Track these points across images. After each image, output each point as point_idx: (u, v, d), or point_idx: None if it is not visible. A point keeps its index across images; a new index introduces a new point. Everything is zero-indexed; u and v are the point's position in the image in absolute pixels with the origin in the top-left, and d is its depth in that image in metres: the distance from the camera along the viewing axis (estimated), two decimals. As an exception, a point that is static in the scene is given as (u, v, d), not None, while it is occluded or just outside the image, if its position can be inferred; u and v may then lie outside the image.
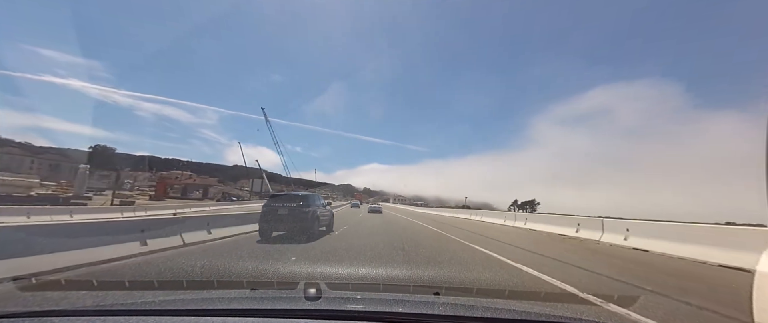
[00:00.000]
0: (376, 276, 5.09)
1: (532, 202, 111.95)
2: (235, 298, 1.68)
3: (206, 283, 4.62)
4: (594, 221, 11.72)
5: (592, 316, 3.26)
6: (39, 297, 3.74)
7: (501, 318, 1.41)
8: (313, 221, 10.47)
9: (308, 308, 1.40)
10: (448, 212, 37.10)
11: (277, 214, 10.30)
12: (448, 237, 11.52)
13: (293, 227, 10.21)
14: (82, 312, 1.38)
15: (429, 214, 36.32)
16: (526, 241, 10.78)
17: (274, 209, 10.38)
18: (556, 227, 13.75)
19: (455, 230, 14.77)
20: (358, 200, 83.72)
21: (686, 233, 8.01)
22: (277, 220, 10.26)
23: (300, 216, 10.22)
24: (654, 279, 5.39)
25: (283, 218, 10.23)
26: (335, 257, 6.81)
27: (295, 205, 10.44)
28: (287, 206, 10.44)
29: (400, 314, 1.38)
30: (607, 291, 4.54)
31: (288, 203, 10.57)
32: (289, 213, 10.24)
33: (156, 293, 3.98)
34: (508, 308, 1.56)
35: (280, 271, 5.34)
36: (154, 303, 1.59)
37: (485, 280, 4.95)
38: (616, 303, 3.95)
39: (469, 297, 3.06)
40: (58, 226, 6.68)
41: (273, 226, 10.24)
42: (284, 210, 10.33)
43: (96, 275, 4.95)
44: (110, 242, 6.21)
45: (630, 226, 9.81)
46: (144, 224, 7.28)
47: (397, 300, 1.64)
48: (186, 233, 8.33)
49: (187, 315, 1.34)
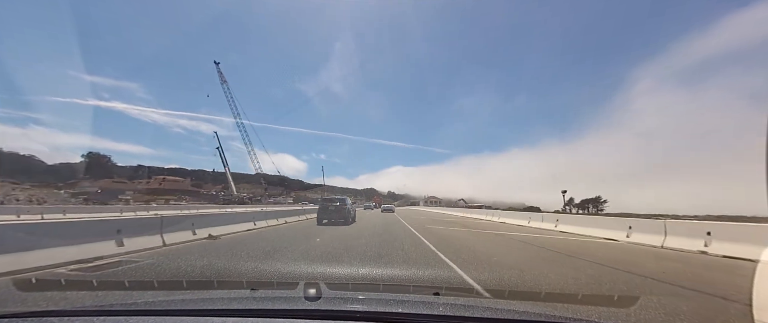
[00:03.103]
0: (376, 276, 5.09)
1: (597, 200, 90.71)
2: (235, 298, 1.68)
3: (206, 283, 4.62)
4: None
5: (593, 316, 3.26)
6: (39, 297, 3.74)
7: (501, 319, 1.40)
8: (347, 213, 17.50)
9: (308, 308, 1.40)
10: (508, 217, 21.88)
11: (328, 209, 17.18)
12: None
13: (336, 217, 17.00)
14: (82, 312, 1.38)
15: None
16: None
17: (326, 207, 17.38)
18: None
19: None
20: (376, 202, 74.29)
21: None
22: (328, 213, 17.08)
23: (340, 211, 17.14)
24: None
25: (330, 212, 17.08)
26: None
27: (337, 204, 17.42)
28: (333, 205, 17.42)
29: (400, 314, 1.37)
30: (609, 291, 4.54)
31: (333, 203, 17.53)
32: (334, 209, 17.17)
33: (156, 293, 3.98)
34: (508, 308, 1.55)
35: (280, 271, 5.34)
36: (154, 303, 1.59)
37: (485, 280, 4.95)
38: (616, 303, 3.95)
39: (469, 298, 3.06)
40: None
41: (324, 216, 17.01)
42: (332, 207, 17.26)
43: (95, 275, 4.95)
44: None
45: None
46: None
47: (397, 301, 1.64)
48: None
49: (187, 315, 1.34)
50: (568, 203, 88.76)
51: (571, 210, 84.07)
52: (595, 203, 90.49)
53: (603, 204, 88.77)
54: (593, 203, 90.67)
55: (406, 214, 34.71)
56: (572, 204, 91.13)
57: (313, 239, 9.75)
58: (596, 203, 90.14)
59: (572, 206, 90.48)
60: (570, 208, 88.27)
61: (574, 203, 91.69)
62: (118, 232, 6.98)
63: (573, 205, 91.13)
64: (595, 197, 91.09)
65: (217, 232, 10.36)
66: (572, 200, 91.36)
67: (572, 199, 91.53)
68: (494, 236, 12.28)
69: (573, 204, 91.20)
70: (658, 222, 10.18)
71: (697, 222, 9.82)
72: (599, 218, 13.14)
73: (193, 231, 9.47)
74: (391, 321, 1.33)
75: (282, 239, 9.75)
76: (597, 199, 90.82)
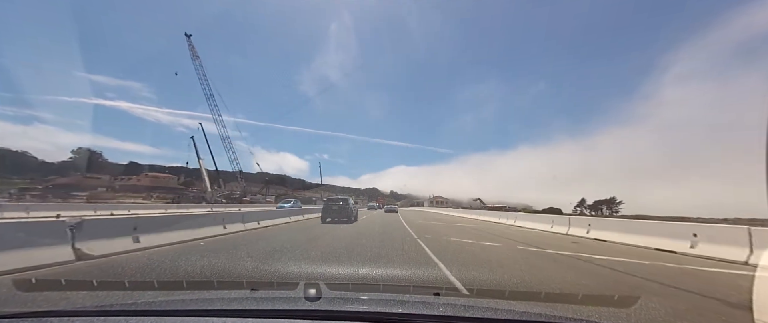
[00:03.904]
0: (376, 276, 5.09)
1: (612, 201, 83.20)
2: (235, 298, 1.68)
3: (206, 283, 4.61)
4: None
5: (593, 316, 3.26)
6: (39, 297, 3.74)
7: (501, 319, 1.40)
8: (349, 213, 18.66)
9: (308, 308, 1.40)
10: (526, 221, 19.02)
11: (332, 208, 18.14)
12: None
13: (339, 216, 17.93)
14: (82, 312, 1.38)
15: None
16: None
17: (330, 206, 18.29)
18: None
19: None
20: (379, 203, 73.43)
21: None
22: (331, 212, 18.03)
23: (343, 210, 18.14)
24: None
25: (334, 211, 18.05)
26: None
27: (341, 204, 18.45)
28: (336, 204, 18.40)
29: (400, 314, 1.37)
30: (608, 291, 4.54)
31: (336, 203, 18.55)
32: (337, 208, 18.18)
33: (156, 293, 3.97)
34: (508, 308, 1.55)
35: (280, 271, 5.34)
36: (154, 303, 1.59)
37: (485, 280, 4.95)
38: (616, 303, 3.95)
39: (469, 298, 3.05)
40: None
41: (329, 215, 17.97)
42: (335, 206, 18.24)
43: (96, 274, 4.95)
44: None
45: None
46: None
47: (397, 301, 1.64)
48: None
49: (187, 316, 1.34)
50: (579, 204, 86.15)
51: (583, 212, 79.15)
52: (609, 204, 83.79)
53: (618, 205, 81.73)
54: (607, 204, 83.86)
55: (410, 218, 25.84)
56: (584, 205, 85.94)
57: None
58: (610, 205, 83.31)
59: (584, 208, 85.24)
60: (582, 209, 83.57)
61: (586, 204, 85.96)
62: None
63: (585, 206, 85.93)
64: (610, 198, 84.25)
65: (108, 248, 6.55)
66: (584, 201, 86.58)
67: (584, 200, 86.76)
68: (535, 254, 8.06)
69: (585, 205, 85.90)
70: (736, 229, 7.99)
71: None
72: (644, 223, 10.64)
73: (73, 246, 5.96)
74: (392, 321, 1.33)
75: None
76: (611, 200, 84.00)
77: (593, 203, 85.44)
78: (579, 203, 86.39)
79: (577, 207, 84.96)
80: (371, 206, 61.90)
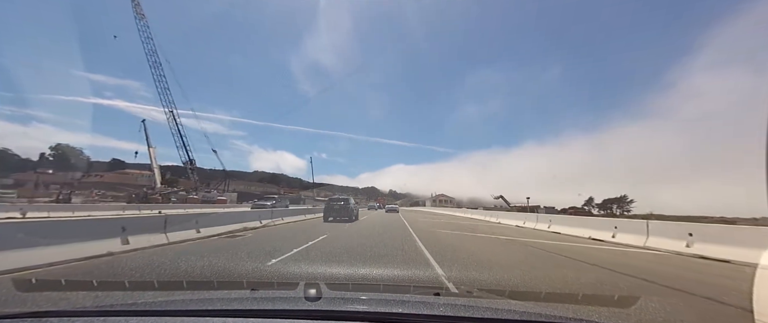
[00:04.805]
0: (377, 276, 5.09)
1: (622, 200, 76.93)
2: (235, 298, 1.68)
3: (206, 283, 4.61)
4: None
5: (593, 316, 3.26)
6: (39, 297, 3.74)
7: (501, 319, 1.40)
8: (350, 212, 19.50)
9: (308, 308, 1.40)
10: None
11: (334, 208, 19.04)
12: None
13: (341, 214, 18.86)
14: (82, 312, 1.38)
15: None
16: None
17: (332, 206, 19.28)
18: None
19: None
20: (380, 203, 72.14)
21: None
22: (333, 211, 18.91)
23: (344, 209, 19.08)
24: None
25: (336, 210, 18.97)
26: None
27: (342, 204, 19.42)
28: (338, 204, 19.33)
29: (401, 314, 1.37)
30: (608, 291, 4.54)
31: (338, 202, 19.53)
32: (338, 208, 19.08)
33: (156, 293, 3.97)
34: (508, 308, 1.55)
35: (280, 271, 5.34)
36: (154, 303, 1.59)
37: (485, 280, 4.95)
38: (616, 303, 3.95)
39: (470, 298, 3.05)
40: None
41: (331, 214, 18.86)
42: (337, 206, 19.19)
43: (96, 274, 4.95)
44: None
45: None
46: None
47: (397, 301, 1.64)
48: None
49: (187, 316, 1.34)
50: (587, 202, 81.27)
51: (591, 211, 76.00)
52: (619, 203, 77.68)
53: (629, 204, 76.29)
54: (618, 203, 77.37)
55: (413, 219, 23.13)
56: (592, 204, 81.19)
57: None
58: (621, 204, 77.39)
59: (592, 206, 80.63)
60: (590, 208, 79.55)
61: (594, 202, 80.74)
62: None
63: (593, 205, 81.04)
64: (621, 196, 78.41)
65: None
66: (591, 200, 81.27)
67: (591, 198, 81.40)
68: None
69: (593, 204, 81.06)
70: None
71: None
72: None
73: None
74: (392, 321, 1.33)
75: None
76: (622, 198, 77.89)
77: (602, 202, 79.94)
78: (586, 202, 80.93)
79: (585, 206, 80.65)
80: (372, 206, 61.86)
